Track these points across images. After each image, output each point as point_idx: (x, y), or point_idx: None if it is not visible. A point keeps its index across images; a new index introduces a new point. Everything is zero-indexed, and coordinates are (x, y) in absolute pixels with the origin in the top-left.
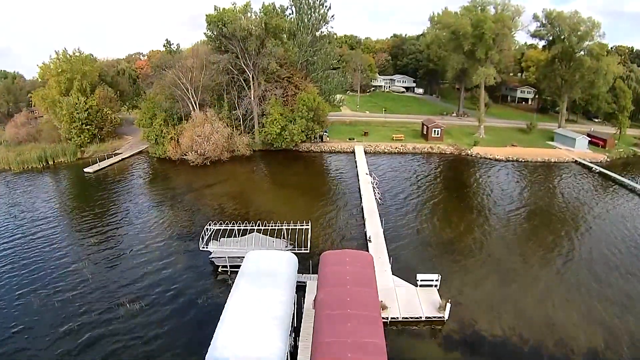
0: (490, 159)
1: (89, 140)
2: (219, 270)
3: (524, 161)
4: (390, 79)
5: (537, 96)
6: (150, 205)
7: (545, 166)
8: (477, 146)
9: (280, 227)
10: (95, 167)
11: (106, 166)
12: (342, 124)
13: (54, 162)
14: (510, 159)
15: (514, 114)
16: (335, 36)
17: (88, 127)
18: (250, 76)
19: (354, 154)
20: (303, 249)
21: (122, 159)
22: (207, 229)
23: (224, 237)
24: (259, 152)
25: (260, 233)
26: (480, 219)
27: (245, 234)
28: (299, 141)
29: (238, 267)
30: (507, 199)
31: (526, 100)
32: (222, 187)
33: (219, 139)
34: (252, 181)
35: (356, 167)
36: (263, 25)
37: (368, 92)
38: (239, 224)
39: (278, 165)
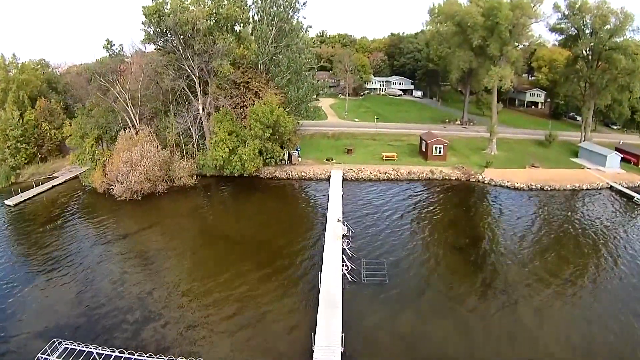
0: (507, 187)
1: (26, 161)
2: None
3: (550, 189)
4: (386, 81)
5: (548, 100)
6: (36, 271)
7: (576, 195)
8: (489, 168)
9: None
10: (17, 198)
11: (30, 197)
12: (323, 136)
13: None
14: (533, 186)
15: (524, 121)
16: (308, 29)
17: (24, 145)
18: (197, 82)
19: (330, 182)
20: None
21: (53, 187)
22: (40, 357)
23: None
24: (211, 178)
25: None
26: (499, 303)
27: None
28: (253, 169)
29: None
30: (531, 257)
31: (535, 104)
32: (140, 239)
33: (150, 167)
34: (180, 231)
35: (327, 205)
36: (214, 15)
37: (361, 95)
38: (104, 346)
39: (223, 204)
